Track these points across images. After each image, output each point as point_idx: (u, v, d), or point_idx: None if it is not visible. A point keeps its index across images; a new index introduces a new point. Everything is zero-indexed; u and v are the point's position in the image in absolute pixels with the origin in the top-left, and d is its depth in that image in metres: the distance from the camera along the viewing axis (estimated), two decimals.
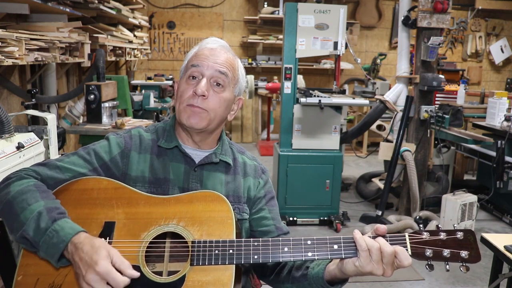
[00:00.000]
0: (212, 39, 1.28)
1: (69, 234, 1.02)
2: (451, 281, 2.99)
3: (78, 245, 1.00)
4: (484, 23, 7.79)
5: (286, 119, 3.85)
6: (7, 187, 1.12)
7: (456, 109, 4.04)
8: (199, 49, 1.25)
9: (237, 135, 7.42)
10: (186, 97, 1.20)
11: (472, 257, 1.04)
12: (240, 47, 7.40)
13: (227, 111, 1.27)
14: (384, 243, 1.04)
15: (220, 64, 1.21)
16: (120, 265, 0.99)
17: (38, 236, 1.02)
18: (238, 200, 1.29)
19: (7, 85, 3.05)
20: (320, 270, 1.16)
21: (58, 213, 1.06)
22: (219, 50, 1.24)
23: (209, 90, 1.20)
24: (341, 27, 3.65)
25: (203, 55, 1.22)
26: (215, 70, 1.20)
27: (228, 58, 1.24)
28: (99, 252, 0.98)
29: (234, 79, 1.25)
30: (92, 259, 0.97)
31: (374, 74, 6.24)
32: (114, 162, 1.24)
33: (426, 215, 3.84)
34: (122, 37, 4.77)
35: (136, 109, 4.29)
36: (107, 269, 0.96)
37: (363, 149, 6.74)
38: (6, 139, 1.94)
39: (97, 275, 0.96)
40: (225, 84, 1.22)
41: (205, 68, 1.20)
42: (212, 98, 1.20)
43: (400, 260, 1.03)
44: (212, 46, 1.24)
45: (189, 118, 1.20)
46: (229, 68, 1.23)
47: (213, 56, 1.21)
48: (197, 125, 1.20)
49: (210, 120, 1.21)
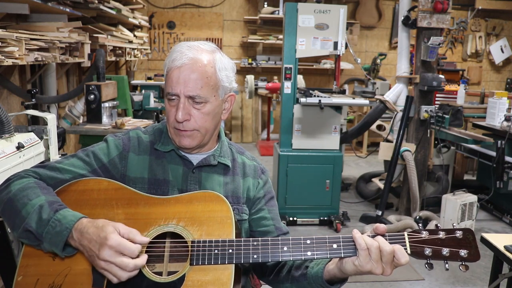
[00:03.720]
0: (178, 52, 1.17)
1: (71, 221, 1.04)
2: (451, 281, 2.99)
3: (83, 230, 1.03)
4: (484, 23, 7.78)
5: (286, 119, 3.85)
6: (8, 187, 1.13)
7: (456, 109, 4.04)
8: (169, 68, 1.18)
9: (237, 135, 7.42)
10: (171, 121, 1.19)
11: (471, 256, 1.04)
12: (240, 47, 7.40)
13: (217, 118, 1.25)
14: (383, 241, 1.05)
15: (192, 86, 1.15)
16: (129, 234, 1.03)
17: (41, 228, 1.04)
18: (237, 201, 1.29)
19: (7, 85, 3.05)
20: (319, 270, 1.16)
21: (59, 204, 1.09)
22: (188, 66, 1.15)
23: (191, 111, 1.17)
24: (341, 27, 3.65)
25: (173, 79, 1.16)
26: (189, 93, 1.15)
27: (199, 74, 1.15)
28: (105, 229, 1.01)
29: (214, 87, 1.19)
30: (100, 237, 1.00)
31: (374, 74, 6.24)
32: (112, 164, 1.25)
33: (426, 215, 3.84)
34: (122, 37, 4.77)
35: (136, 109, 4.30)
36: (118, 241, 1.00)
37: (363, 149, 6.74)
38: (6, 139, 1.94)
39: (110, 249, 0.99)
40: (204, 99, 1.17)
41: (179, 93, 1.16)
42: (196, 117, 1.18)
43: (398, 258, 1.03)
44: (179, 64, 1.15)
45: (180, 141, 1.21)
46: (203, 82, 1.16)
47: (183, 77, 1.15)
48: (190, 145, 1.21)
49: (201, 136, 1.22)
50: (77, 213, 1.07)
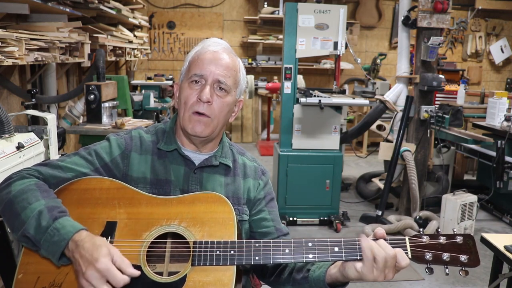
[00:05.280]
0: (214, 41, 1.26)
1: (70, 232, 1.02)
2: (451, 281, 2.99)
3: (79, 243, 1.00)
4: (484, 23, 7.79)
5: (286, 119, 3.85)
6: (8, 186, 1.12)
7: (456, 109, 4.04)
8: (201, 52, 1.22)
9: (237, 135, 7.42)
10: (191, 104, 1.19)
11: (472, 261, 1.05)
12: (240, 47, 7.39)
13: (229, 115, 1.27)
14: (385, 246, 1.04)
15: (223, 70, 1.20)
16: (121, 263, 0.99)
17: (39, 235, 1.02)
18: (238, 202, 1.29)
19: (7, 85, 3.05)
20: (321, 273, 1.16)
21: (59, 211, 1.07)
22: (222, 53, 1.22)
23: (213, 96, 1.19)
24: (341, 27, 3.65)
25: (205, 59, 1.20)
26: (219, 76, 1.19)
27: (230, 62, 1.22)
28: (99, 249, 0.98)
29: (236, 83, 1.25)
30: (92, 256, 0.97)
31: (374, 74, 6.24)
32: (115, 163, 1.24)
33: (426, 215, 3.84)
34: (122, 37, 4.77)
35: (136, 109, 4.30)
36: (107, 267, 0.96)
37: (363, 149, 6.74)
38: (6, 139, 1.94)
39: (97, 272, 0.96)
40: (228, 89, 1.21)
41: (208, 74, 1.19)
42: (216, 104, 1.20)
43: (399, 262, 1.04)
44: (215, 49, 1.22)
45: (194, 127, 1.20)
46: (231, 73, 1.22)
47: (216, 61, 1.20)
48: (202, 133, 1.21)
49: (214, 127, 1.22)
50: (76, 224, 1.05)
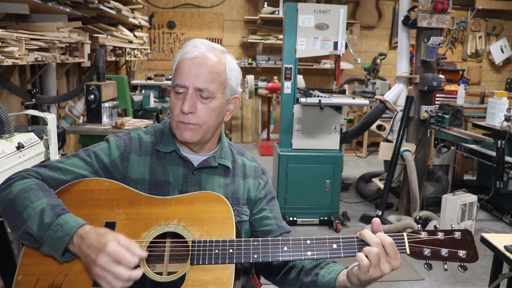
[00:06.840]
0: (193, 45, 1.20)
1: (73, 227, 1.04)
2: (451, 281, 2.99)
3: (84, 235, 1.02)
4: (484, 23, 7.79)
5: (286, 119, 3.85)
6: (9, 186, 1.12)
7: (456, 109, 4.04)
8: (180, 60, 1.19)
9: (237, 135, 7.42)
10: (176, 114, 1.19)
11: (470, 256, 1.05)
12: (240, 47, 7.40)
13: (221, 117, 1.25)
14: (384, 238, 1.04)
15: (203, 77, 1.16)
16: (128, 246, 1.01)
17: (42, 231, 1.03)
18: (237, 202, 1.29)
19: (7, 85, 3.05)
20: (331, 280, 1.16)
21: (61, 209, 1.08)
22: (200, 57, 1.17)
23: (197, 104, 1.17)
24: (341, 27, 3.65)
25: (184, 69, 1.17)
26: (199, 85, 1.16)
27: (212, 65, 1.17)
28: (106, 236, 1.01)
29: (222, 84, 1.20)
30: (100, 243, 0.99)
31: (374, 74, 6.24)
32: (114, 165, 1.25)
33: (426, 215, 3.84)
34: (122, 37, 4.77)
35: (136, 109, 4.30)
36: (117, 249, 0.99)
37: (363, 149, 6.74)
38: (6, 139, 1.94)
39: (108, 256, 0.98)
40: (211, 95, 1.18)
41: (188, 84, 1.16)
42: (201, 111, 1.18)
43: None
44: (193, 55, 1.17)
45: (182, 134, 1.20)
46: (214, 76, 1.17)
47: (195, 69, 1.16)
48: (191, 139, 1.20)
49: (204, 132, 1.21)
50: (79, 220, 1.07)
